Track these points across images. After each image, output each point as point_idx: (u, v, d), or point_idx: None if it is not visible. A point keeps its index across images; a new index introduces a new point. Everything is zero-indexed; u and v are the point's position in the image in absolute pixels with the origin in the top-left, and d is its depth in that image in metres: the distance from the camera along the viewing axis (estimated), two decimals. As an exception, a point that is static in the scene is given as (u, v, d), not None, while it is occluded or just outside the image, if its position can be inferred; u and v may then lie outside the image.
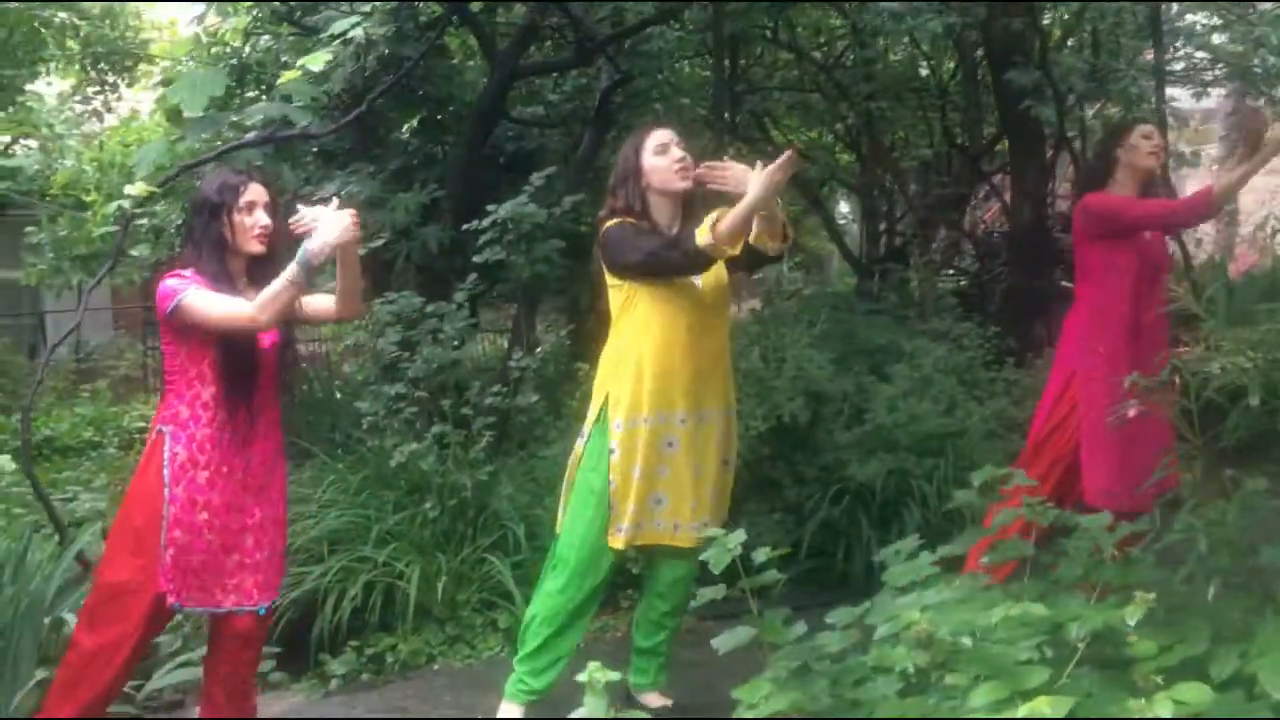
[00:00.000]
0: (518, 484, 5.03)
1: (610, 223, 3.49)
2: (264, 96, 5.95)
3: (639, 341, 3.45)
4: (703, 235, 3.21)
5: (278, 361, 3.33)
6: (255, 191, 3.19)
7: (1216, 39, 8.20)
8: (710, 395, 3.51)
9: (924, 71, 10.85)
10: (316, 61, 3.97)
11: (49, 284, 6.90)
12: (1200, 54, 8.40)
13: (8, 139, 10.48)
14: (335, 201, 3.15)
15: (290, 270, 3.04)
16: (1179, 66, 8.42)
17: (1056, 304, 6.74)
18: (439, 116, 6.99)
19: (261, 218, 3.17)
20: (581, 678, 1.93)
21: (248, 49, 6.96)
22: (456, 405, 4.94)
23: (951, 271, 11.65)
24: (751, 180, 3.17)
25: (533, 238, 5.09)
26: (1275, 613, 2.40)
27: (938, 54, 10.59)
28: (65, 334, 4.57)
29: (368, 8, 4.38)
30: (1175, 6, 6.53)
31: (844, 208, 17.84)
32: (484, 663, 4.37)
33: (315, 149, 6.82)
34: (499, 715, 3.57)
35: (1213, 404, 2.77)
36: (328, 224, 3.05)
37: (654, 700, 3.70)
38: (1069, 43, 6.92)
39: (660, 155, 3.48)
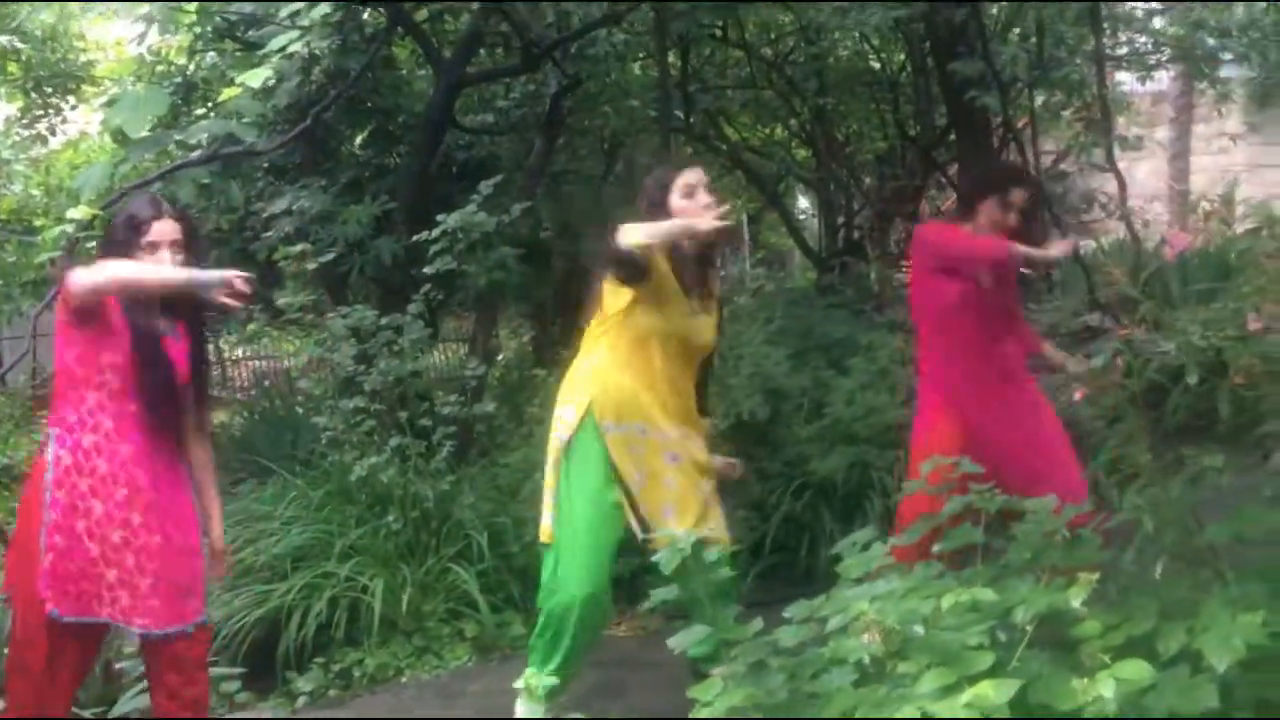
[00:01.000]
0: (480, 492, 5.03)
1: None
2: (211, 114, 5.90)
3: (641, 352, 3.48)
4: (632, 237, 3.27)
5: (187, 376, 3.24)
6: (159, 231, 3.11)
7: (1158, 23, 8.30)
8: (691, 412, 3.58)
9: (875, 65, 10.90)
10: (256, 78, 3.95)
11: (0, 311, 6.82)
12: (1143, 38, 8.50)
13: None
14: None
15: (174, 272, 3.06)
16: (1123, 51, 8.52)
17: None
18: (389, 128, 6.97)
19: (165, 257, 3.09)
20: (519, 683, 1.94)
21: (192, 67, 6.92)
22: (414, 416, 4.93)
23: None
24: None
25: (487, 245, 5.08)
26: (1221, 588, 2.45)
27: (887, 47, 10.66)
28: (10, 364, 4.53)
29: (307, 21, 4.33)
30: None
31: (803, 203, 17.90)
32: (451, 673, 4.37)
33: (266, 164, 6.79)
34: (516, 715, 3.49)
35: (1154, 385, 2.81)
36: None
37: None
38: (1013, 32, 6.99)
39: (688, 198, 3.48)
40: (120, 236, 3.12)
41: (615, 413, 3.42)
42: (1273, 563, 2.43)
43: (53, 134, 8.04)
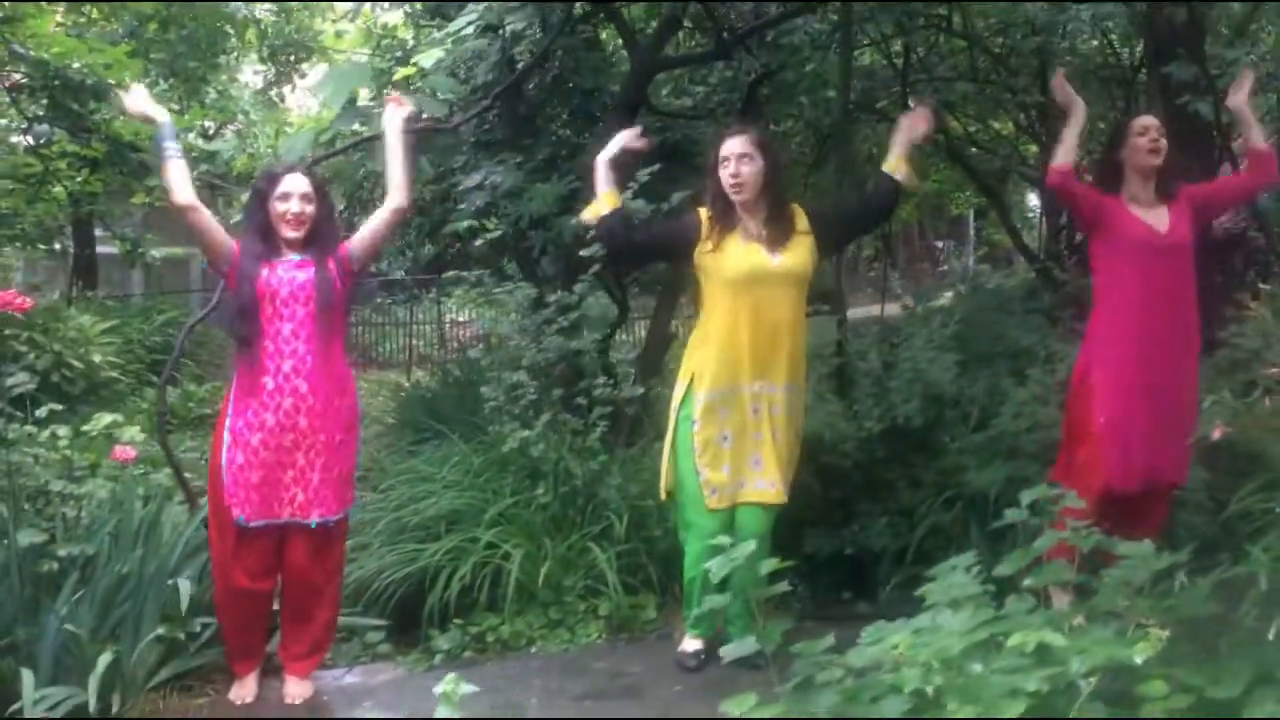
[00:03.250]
0: (630, 474, 5.09)
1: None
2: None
3: (710, 320, 3.91)
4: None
5: (317, 298, 3.66)
6: (290, 183, 3.70)
7: None
8: (774, 369, 3.88)
9: (1111, 59, 10.33)
10: (431, 58, 4.13)
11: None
12: None
13: (211, 124, 11.20)
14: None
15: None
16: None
17: (1223, 306, 6.35)
18: (589, 108, 7.09)
19: (294, 205, 3.66)
20: (438, 689, 2.00)
21: (412, 41, 7.24)
22: (571, 395, 5.04)
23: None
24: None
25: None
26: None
27: (1128, 41, 10.08)
28: (204, 314, 4.88)
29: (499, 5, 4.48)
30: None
31: (1033, 200, 17.22)
32: (580, 649, 4.46)
33: (473, 139, 7.04)
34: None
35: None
36: None
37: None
38: (1243, 37, 6.47)
39: (723, 167, 3.89)
40: (261, 186, 3.73)
41: (709, 380, 3.87)
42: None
43: (282, 100, 8.63)
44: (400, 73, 4.38)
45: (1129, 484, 3.89)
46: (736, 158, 3.84)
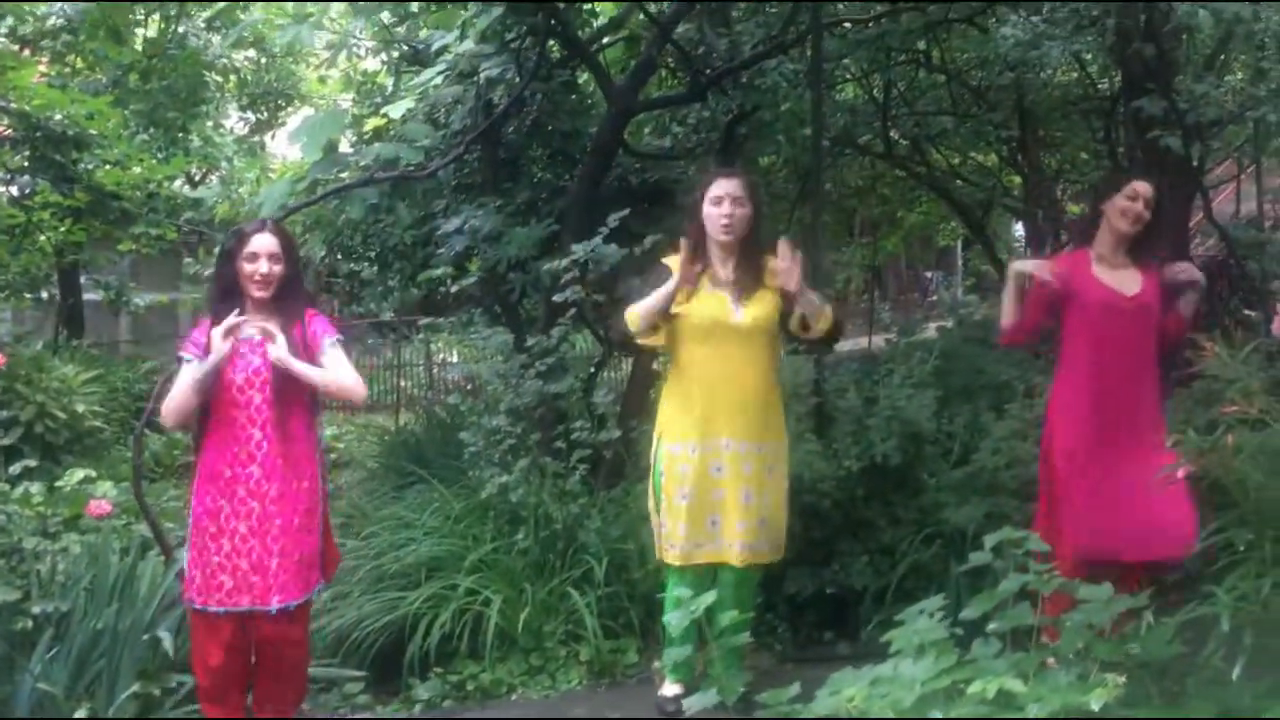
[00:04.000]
0: (612, 517, 5.08)
1: (665, 259, 3.92)
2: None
3: (684, 373, 3.87)
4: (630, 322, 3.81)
5: (273, 383, 3.60)
6: (258, 243, 3.63)
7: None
8: (741, 426, 3.80)
9: (1089, 91, 10.41)
10: (398, 109, 4.16)
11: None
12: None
13: (195, 172, 11.25)
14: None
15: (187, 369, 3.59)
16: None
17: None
18: (569, 150, 7.13)
19: (261, 266, 3.60)
20: None
21: (391, 88, 7.28)
22: (549, 439, 5.04)
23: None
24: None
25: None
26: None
27: (1106, 73, 10.16)
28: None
29: (460, 50, 4.51)
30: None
31: (1019, 230, 17.26)
32: (560, 695, 4.44)
33: (454, 183, 7.08)
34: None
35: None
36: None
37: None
38: (1212, 70, 6.52)
39: (715, 205, 3.84)
40: (228, 246, 3.68)
41: (671, 435, 3.86)
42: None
43: (263, 148, 8.68)
44: (370, 123, 4.40)
45: (1095, 556, 3.67)
46: (731, 199, 3.80)
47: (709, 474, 3.79)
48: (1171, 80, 5.58)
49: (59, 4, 8.62)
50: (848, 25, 7.85)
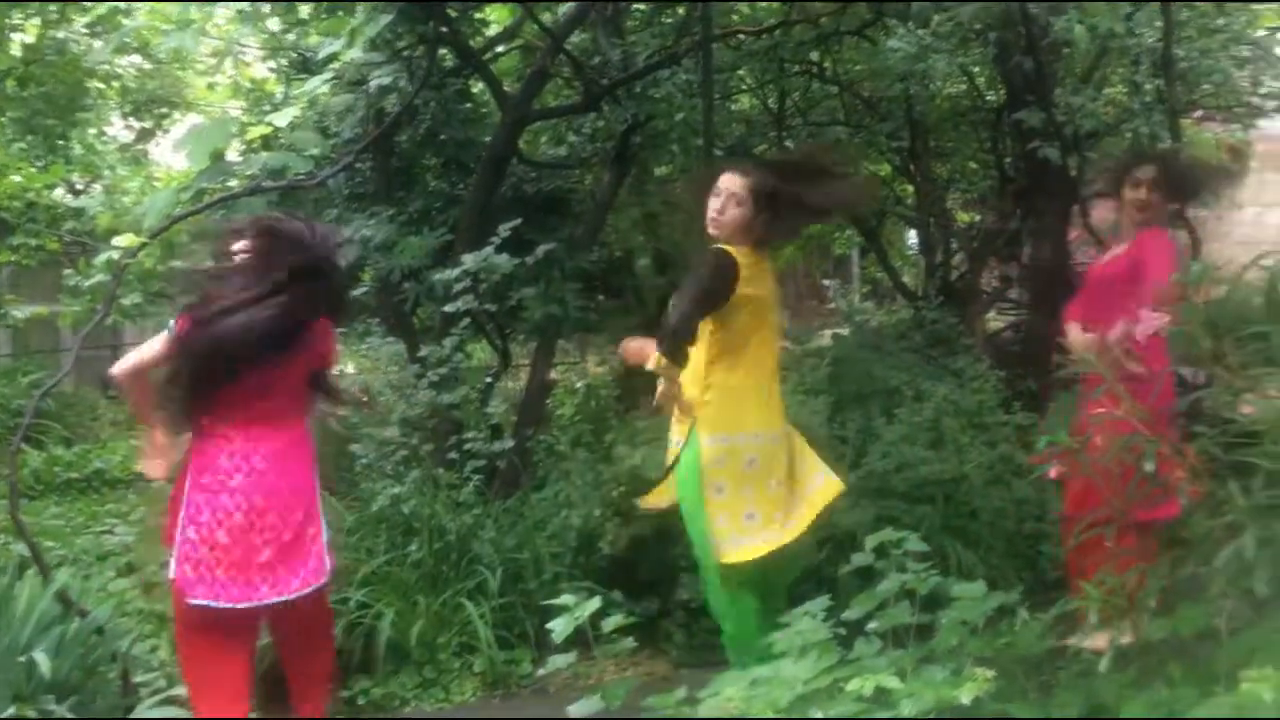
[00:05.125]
0: (503, 528, 5.06)
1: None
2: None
3: (720, 366, 3.77)
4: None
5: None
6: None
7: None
8: (776, 416, 3.85)
9: (978, 103, 10.67)
10: (284, 118, 4.09)
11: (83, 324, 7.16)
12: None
13: (79, 182, 10.94)
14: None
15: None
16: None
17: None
18: (463, 159, 7.09)
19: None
20: None
21: (280, 95, 7.17)
22: (441, 449, 5.01)
23: (1010, 306, 11.47)
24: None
25: (508, 285, 5.17)
26: (1167, 685, 2.34)
27: (993, 86, 10.44)
28: (56, 379, 4.73)
29: (347, 58, 4.46)
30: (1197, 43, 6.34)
31: (912, 238, 17.59)
32: (454, 707, 4.41)
33: (346, 192, 6.99)
34: None
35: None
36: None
37: None
38: (1089, 83, 6.76)
39: (714, 198, 3.80)
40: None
41: (714, 424, 3.73)
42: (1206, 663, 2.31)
43: (146, 157, 8.47)
44: (253, 131, 4.32)
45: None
46: (725, 195, 3.76)
47: (742, 467, 3.77)
48: (1050, 93, 5.76)
49: (-69, 7, 8.33)
50: (741, 36, 7.96)
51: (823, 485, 3.91)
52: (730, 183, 3.78)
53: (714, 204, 3.77)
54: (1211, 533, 2.39)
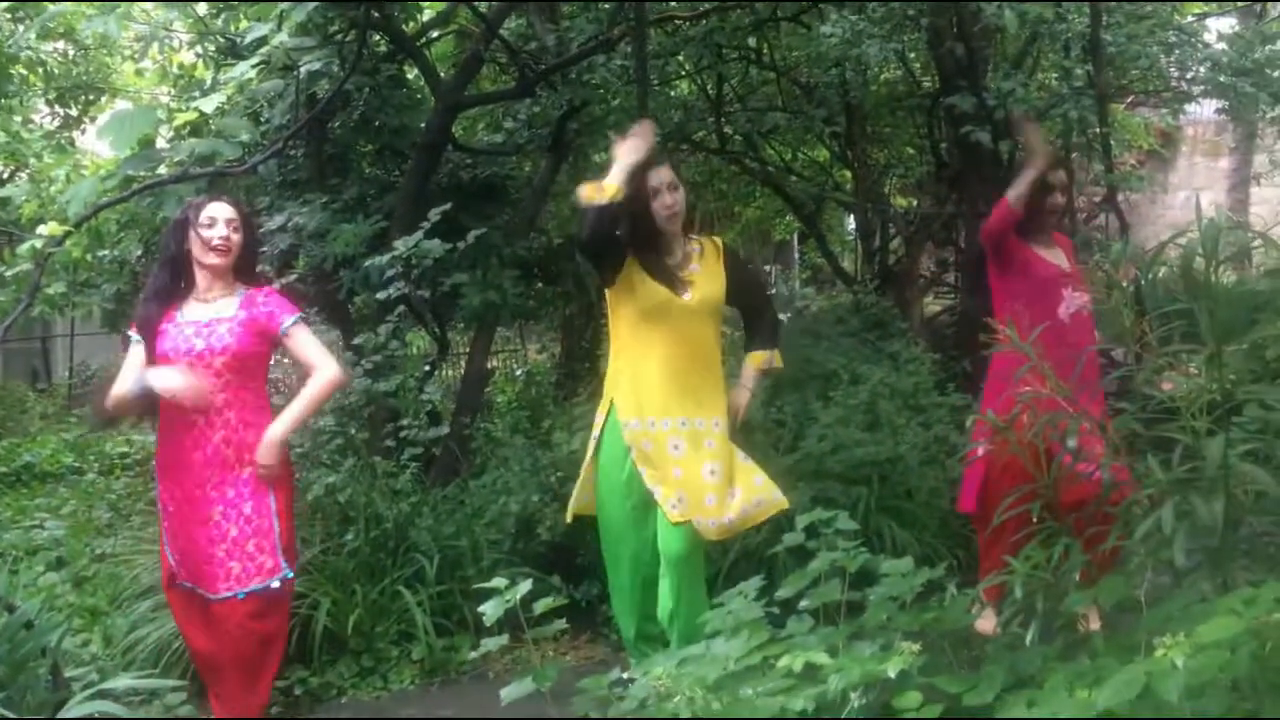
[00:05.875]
0: (441, 515, 5.04)
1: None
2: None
3: (632, 351, 3.82)
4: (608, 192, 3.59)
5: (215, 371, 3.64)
6: (216, 210, 3.70)
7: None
8: (705, 403, 3.81)
9: (914, 88, 10.76)
10: (210, 104, 4.03)
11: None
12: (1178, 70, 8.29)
13: (3, 170, 10.69)
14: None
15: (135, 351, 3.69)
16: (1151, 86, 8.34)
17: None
18: (397, 146, 7.03)
19: (220, 230, 3.64)
20: None
21: (209, 81, 7.04)
22: (379, 437, 4.97)
23: (947, 290, 11.62)
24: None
25: (439, 270, 5.14)
26: (1090, 656, 2.38)
27: (928, 72, 10.53)
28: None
29: (276, 44, 4.39)
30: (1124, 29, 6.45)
31: (851, 223, 17.71)
32: (392, 695, 4.39)
33: (278, 179, 6.89)
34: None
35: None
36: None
37: None
38: (1020, 68, 6.85)
39: (655, 198, 3.81)
40: (180, 217, 3.73)
41: (633, 409, 3.76)
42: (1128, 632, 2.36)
43: (72, 144, 8.29)
44: (180, 117, 4.25)
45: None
46: (668, 187, 3.81)
47: (668, 451, 3.76)
48: (982, 78, 5.83)
49: None
50: (678, 21, 7.96)
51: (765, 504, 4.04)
52: (664, 175, 3.84)
53: (663, 201, 3.81)
54: (1132, 506, 2.44)
